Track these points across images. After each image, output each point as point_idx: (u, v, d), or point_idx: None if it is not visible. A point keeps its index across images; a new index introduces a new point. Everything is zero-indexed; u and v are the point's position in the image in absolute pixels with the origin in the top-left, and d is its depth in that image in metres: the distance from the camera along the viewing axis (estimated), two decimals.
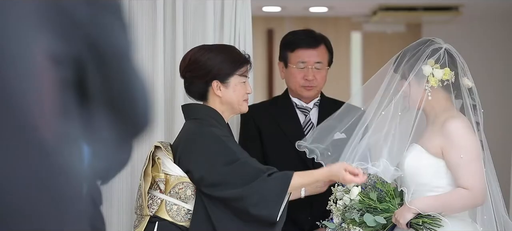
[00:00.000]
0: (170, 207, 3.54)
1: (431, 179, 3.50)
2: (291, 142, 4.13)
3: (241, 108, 3.69)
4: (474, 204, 3.50)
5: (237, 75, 3.63)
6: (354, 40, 9.30)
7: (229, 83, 3.62)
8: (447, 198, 3.46)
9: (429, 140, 3.51)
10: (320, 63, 4.17)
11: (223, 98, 3.62)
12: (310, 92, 4.19)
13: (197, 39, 4.38)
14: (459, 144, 3.45)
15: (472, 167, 3.44)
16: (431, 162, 3.50)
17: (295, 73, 4.17)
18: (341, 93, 7.61)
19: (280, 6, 8.19)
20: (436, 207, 3.45)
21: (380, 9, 7.97)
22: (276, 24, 8.90)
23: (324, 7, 8.22)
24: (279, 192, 3.46)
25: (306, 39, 4.21)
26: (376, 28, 8.99)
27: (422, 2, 7.81)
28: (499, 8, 7.39)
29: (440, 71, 3.50)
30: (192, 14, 4.41)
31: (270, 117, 4.22)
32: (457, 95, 3.58)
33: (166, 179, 3.55)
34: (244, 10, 4.46)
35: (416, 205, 3.43)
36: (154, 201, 3.56)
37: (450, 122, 3.47)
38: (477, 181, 3.43)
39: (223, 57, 3.62)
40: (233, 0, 4.45)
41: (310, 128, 4.20)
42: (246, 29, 4.47)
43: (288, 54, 4.21)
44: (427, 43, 3.59)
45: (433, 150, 3.49)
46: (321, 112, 4.22)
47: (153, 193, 3.57)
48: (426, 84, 3.51)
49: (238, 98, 3.64)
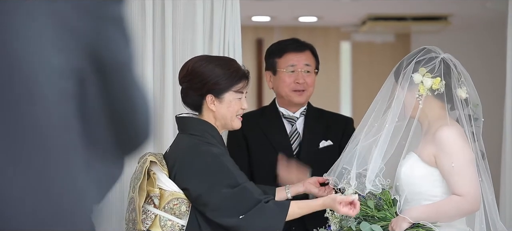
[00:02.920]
0: (164, 223, 3.51)
1: (427, 188, 3.50)
2: (277, 151, 4.13)
3: (233, 125, 3.63)
4: (468, 210, 3.49)
5: (232, 92, 3.57)
6: (344, 49, 9.31)
7: (223, 99, 3.57)
8: (440, 206, 3.46)
9: (424, 148, 3.51)
10: (309, 66, 4.18)
11: (217, 113, 3.58)
12: (301, 97, 4.18)
13: (186, 49, 4.37)
14: (450, 151, 3.44)
15: (464, 173, 3.43)
16: (427, 171, 3.50)
17: (285, 78, 4.17)
18: (330, 103, 7.61)
19: (269, 16, 8.19)
20: (430, 215, 3.45)
21: (369, 19, 7.99)
22: (265, 34, 8.91)
23: (313, 17, 8.23)
24: (275, 223, 3.46)
25: (293, 44, 4.23)
26: (365, 38, 9.01)
27: (411, 12, 7.83)
28: (487, 18, 7.42)
29: (429, 80, 3.51)
30: (181, 24, 4.41)
31: (257, 126, 4.22)
32: (452, 107, 3.59)
33: (161, 194, 3.52)
34: (233, 20, 4.46)
35: (409, 215, 3.43)
36: (148, 216, 3.52)
37: (441, 130, 3.47)
38: (469, 187, 3.43)
39: (220, 71, 3.56)
40: (222, 10, 4.45)
41: (296, 137, 4.20)
42: (236, 39, 4.47)
43: (276, 61, 4.21)
44: (423, 51, 3.60)
45: (427, 159, 3.49)
46: (307, 122, 4.22)
47: (147, 207, 3.54)
48: (417, 92, 3.52)
49: (231, 114, 3.59)
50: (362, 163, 3.56)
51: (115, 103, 1.42)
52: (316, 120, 4.24)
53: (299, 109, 4.24)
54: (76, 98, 1.39)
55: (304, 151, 4.16)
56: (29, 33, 1.29)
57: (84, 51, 1.36)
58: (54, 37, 1.32)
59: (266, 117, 4.27)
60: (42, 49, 1.30)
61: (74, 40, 1.34)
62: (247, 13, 7.50)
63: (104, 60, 1.38)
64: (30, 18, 1.29)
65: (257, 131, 4.21)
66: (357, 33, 8.89)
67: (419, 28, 8.33)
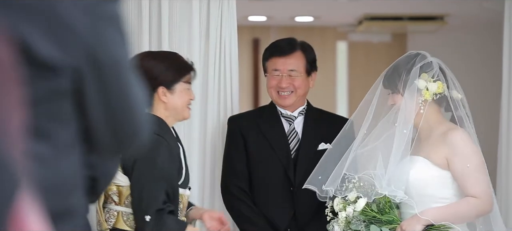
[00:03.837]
0: (127, 217, 3.56)
1: (437, 190, 3.53)
2: (275, 150, 4.13)
3: (184, 115, 3.69)
4: (483, 212, 3.54)
5: (182, 82, 3.63)
6: (340, 49, 9.31)
7: (175, 90, 3.62)
8: (457, 208, 3.50)
9: (434, 152, 3.53)
10: (294, 71, 4.15)
11: (168, 104, 3.62)
12: (285, 101, 4.17)
13: (182, 48, 4.37)
14: (464, 153, 3.50)
15: (478, 175, 3.49)
16: (438, 173, 3.53)
17: (271, 81, 4.19)
18: (327, 103, 7.61)
19: (266, 16, 8.19)
20: (447, 217, 3.48)
21: (365, 19, 7.99)
22: (262, 34, 8.90)
23: (310, 16, 8.23)
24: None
25: (278, 48, 4.21)
26: (362, 37, 9.01)
27: (407, 12, 7.83)
28: (483, 17, 7.42)
29: (434, 85, 3.55)
30: (178, 23, 4.41)
31: (255, 125, 4.22)
32: (446, 108, 3.62)
33: (119, 191, 3.55)
34: (229, 19, 4.46)
35: (428, 215, 3.45)
36: (111, 214, 3.57)
37: (453, 133, 3.51)
38: (484, 188, 3.49)
39: (168, 64, 3.62)
40: (218, 9, 4.45)
41: (294, 136, 4.19)
42: (232, 38, 4.47)
43: (265, 63, 4.24)
44: (419, 57, 3.61)
45: (439, 162, 3.52)
46: (306, 123, 4.21)
47: (108, 206, 3.58)
48: (419, 98, 3.53)
49: (183, 105, 3.64)
50: (362, 169, 3.58)
51: (112, 101, 1.42)
52: (316, 121, 4.23)
53: (297, 108, 4.23)
54: (73, 97, 1.38)
55: (302, 152, 4.15)
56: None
57: (81, 50, 1.35)
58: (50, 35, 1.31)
59: (264, 116, 4.26)
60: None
61: (71, 39, 1.34)
62: (244, 13, 7.50)
63: (100, 58, 1.38)
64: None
65: (256, 130, 4.21)
66: (354, 33, 8.89)
67: (416, 28, 8.32)
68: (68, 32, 1.33)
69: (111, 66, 1.40)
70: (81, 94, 1.39)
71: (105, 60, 1.39)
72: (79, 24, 1.35)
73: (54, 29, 1.32)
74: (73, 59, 1.35)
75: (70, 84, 1.37)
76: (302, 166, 4.09)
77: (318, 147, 4.14)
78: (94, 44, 1.37)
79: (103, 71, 1.39)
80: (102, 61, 1.38)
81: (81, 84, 1.38)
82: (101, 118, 1.42)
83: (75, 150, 1.42)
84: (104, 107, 1.41)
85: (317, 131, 4.18)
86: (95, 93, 1.39)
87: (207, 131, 4.47)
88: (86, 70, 1.37)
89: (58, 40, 1.32)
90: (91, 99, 1.40)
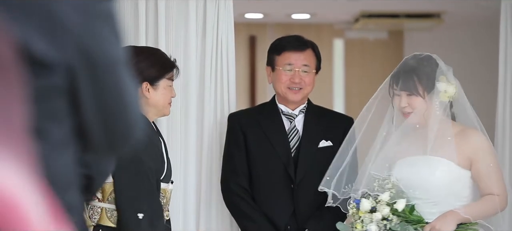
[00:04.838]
0: (111, 213, 3.57)
1: (460, 189, 3.58)
2: (275, 147, 4.13)
3: (165, 111, 3.72)
4: (502, 209, 3.62)
5: (166, 79, 3.66)
6: (337, 47, 9.31)
7: (158, 86, 3.64)
8: (486, 205, 3.57)
9: (458, 152, 3.57)
10: (307, 66, 4.16)
11: (151, 100, 3.63)
12: (296, 96, 4.17)
13: (179, 46, 4.37)
14: (488, 152, 3.59)
15: (499, 174, 3.61)
16: (461, 173, 3.57)
17: (282, 76, 4.16)
18: (323, 100, 7.61)
19: (262, 13, 8.19)
20: (481, 214, 3.57)
21: (362, 16, 7.99)
22: (258, 31, 8.90)
23: (306, 14, 8.22)
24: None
25: (293, 42, 4.20)
26: (359, 35, 9.01)
27: (404, 9, 7.83)
28: (480, 14, 7.42)
29: (452, 87, 3.59)
30: (174, 21, 4.41)
31: (256, 123, 4.22)
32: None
33: (102, 188, 3.56)
34: (226, 17, 4.46)
35: (467, 213, 3.50)
36: (94, 211, 3.59)
37: (475, 133, 3.60)
38: (504, 186, 3.60)
39: (153, 60, 3.64)
40: (215, 7, 4.45)
41: (295, 134, 4.19)
42: (229, 36, 4.47)
43: (275, 58, 4.20)
44: (432, 59, 3.63)
45: (463, 162, 3.57)
46: (307, 120, 4.21)
47: (92, 203, 3.60)
48: (437, 100, 3.56)
49: (165, 102, 3.67)
50: (384, 171, 3.62)
51: (106, 100, 1.42)
52: (317, 119, 4.22)
53: (298, 106, 4.23)
54: (67, 95, 1.38)
55: (303, 150, 4.15)
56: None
57: (75, 48, 1.35)
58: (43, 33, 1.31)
59: (265, 114, 4.26)
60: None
61: (65, 37, 1.34)
62: (240, 11, 7.49)
63: (94, 57, 1.38)
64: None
65: (256, 127, 4.20)
66: (350, 30, 8.89)
67: (412, 25, 8.33)
68: (62, 30, 1.34)
69: (105, 65, 1.40)
70: (75, 93, 1.39)
71: (99, 59, 1.39)
72: (73, 23, 1.35)
73: (48, 27, 1.32)
74: (67, 58, 1.35)
75: (65, 83, 1.37)
76: (302, 164, 4.10)
77: (319, 145, 4.14)
78: (88, 43, 1.37)
79: (97, 70, 1.39)
80: (96, 59, 1.38)
81: (75, 83, 1.38)
82: (95, 116, 1.42)
83: (69, 148, 1.42)
84: (98, 106, 1.41)
85: (318, 129, 4.18)
86: (89, 92, 1.39)
87: (204, 128, 4.47)
88: (80, 69, 1.37)
89: (53, 38, 1.32)
90: (85, 97, 1.40)
